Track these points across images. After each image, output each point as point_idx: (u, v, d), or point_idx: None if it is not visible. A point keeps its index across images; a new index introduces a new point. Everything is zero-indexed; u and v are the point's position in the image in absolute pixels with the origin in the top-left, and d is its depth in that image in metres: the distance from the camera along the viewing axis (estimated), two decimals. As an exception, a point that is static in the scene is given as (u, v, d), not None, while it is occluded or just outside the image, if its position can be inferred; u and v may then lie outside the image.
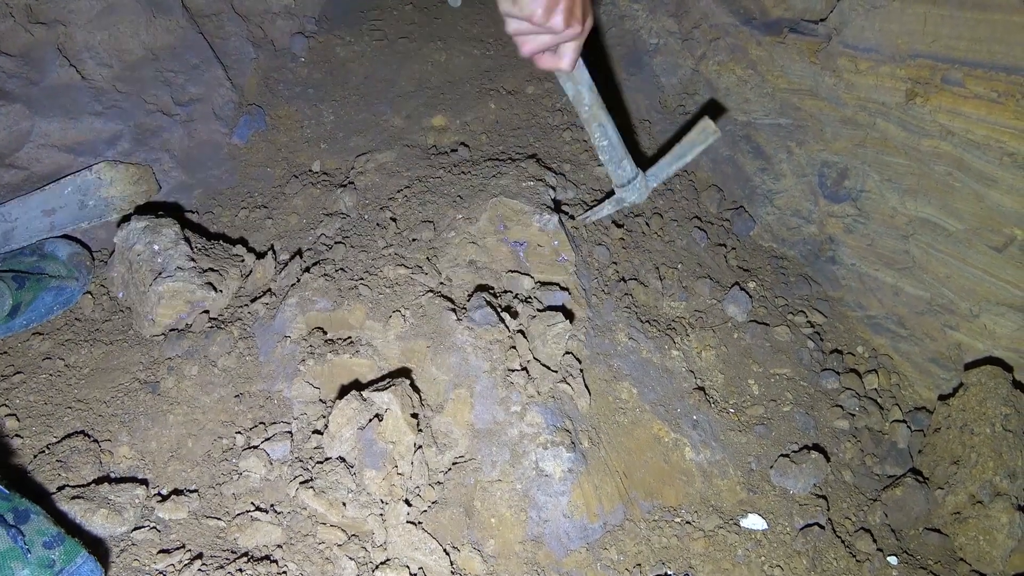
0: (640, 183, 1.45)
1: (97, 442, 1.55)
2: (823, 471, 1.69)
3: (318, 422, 1.52)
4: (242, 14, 2.44)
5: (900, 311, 1.94)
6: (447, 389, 1.54)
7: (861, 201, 1.94)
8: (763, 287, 2.08)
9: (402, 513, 1.38)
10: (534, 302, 1.67)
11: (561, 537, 1.45)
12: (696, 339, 1.87)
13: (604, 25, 2.62)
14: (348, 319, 1.66)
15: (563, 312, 1.63)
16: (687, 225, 2.15)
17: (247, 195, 2.19)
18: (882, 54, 1.74)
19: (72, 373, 1.71)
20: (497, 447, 1.48)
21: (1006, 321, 1.71)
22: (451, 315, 1.60)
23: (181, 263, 1.77)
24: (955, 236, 1.75)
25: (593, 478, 1.50)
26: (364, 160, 2.13)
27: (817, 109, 1.95)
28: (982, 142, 1.60)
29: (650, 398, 1.68)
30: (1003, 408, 1.65)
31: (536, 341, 1.58)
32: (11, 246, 1.83)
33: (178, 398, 1.62)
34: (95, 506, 1.39)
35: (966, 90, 1.60)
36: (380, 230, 1.86)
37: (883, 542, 1.64)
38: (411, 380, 1.53)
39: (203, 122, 2.24)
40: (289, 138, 2.35)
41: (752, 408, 1.79)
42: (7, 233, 1.83)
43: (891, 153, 1.81)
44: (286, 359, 1.62)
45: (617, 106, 2.46)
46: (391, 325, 1.60)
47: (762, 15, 2.06)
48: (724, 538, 1.55)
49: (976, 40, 1.57)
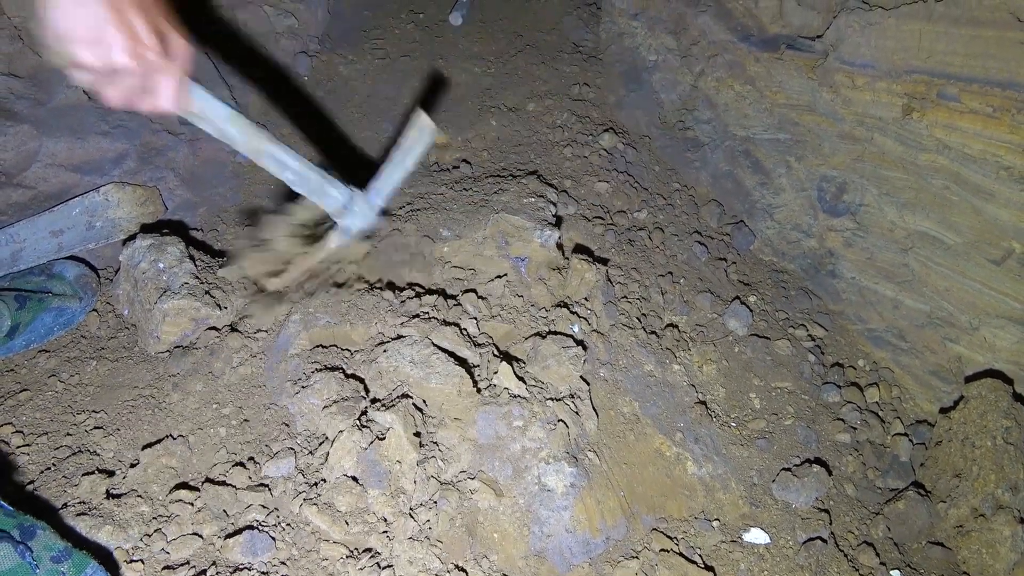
0: (361, 205, 1.25)
1: (102, 458, 1.57)
2: (825, 485, 1.69)
3: (321, 438, 1.52)
4: (246, 34, 2.47)
5: (900, 324, 1.94)
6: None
7: (860, 215, 1.95)
8: (764, 301, 2.09)
9: (406, 529, 1.38)
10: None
11: (564, 552, 1.45)
12: (697, 353, 1.88)
13: (604, 42, 2.65)
14: (351, 335, 1.67)
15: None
16: (688, 239, 2.17)
17: (251, 213, 2.21)
18: (878, 70, 1.76)
19: (78, 390, 1.73)
20: (500, 462, 1.49)
21: (1006, 334, 1.72)
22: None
23: (186, 280, 1.79)
24: (954, 249, 1.76)
25: (596, 493, 1.51)
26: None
27: (815, 124, 1.97)
28: (978, 156, 1.62)
29: (652, 412, 1.68)
30: (1004, 421, 1.65)
31: (550, 360, 1.59)
32: (19, 266, 1.85)
33: (183, 414, 1.63)
34: (100, 522, 1.40)
35: (962, 105, 1.62)
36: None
37: (886, 556, 1.64)
38: (412, 397, 1.54)
39: (208, 141, 2.25)
40: (293, 156, 2.37)
41: (754, 422, 1.80)
42: (15, 254, 1.84)
43: (889, 167, 1.83)
44: (290, 375, 1.63)
45: (617, 122, 2.49)
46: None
47: (759, 32, 2.08)
48: (727, 552, 1.55)
49: (971, 56, 1.59)
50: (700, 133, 2.34)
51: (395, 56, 2.70)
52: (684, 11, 2.32)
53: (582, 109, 2.50)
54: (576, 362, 1.59)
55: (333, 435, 1.47)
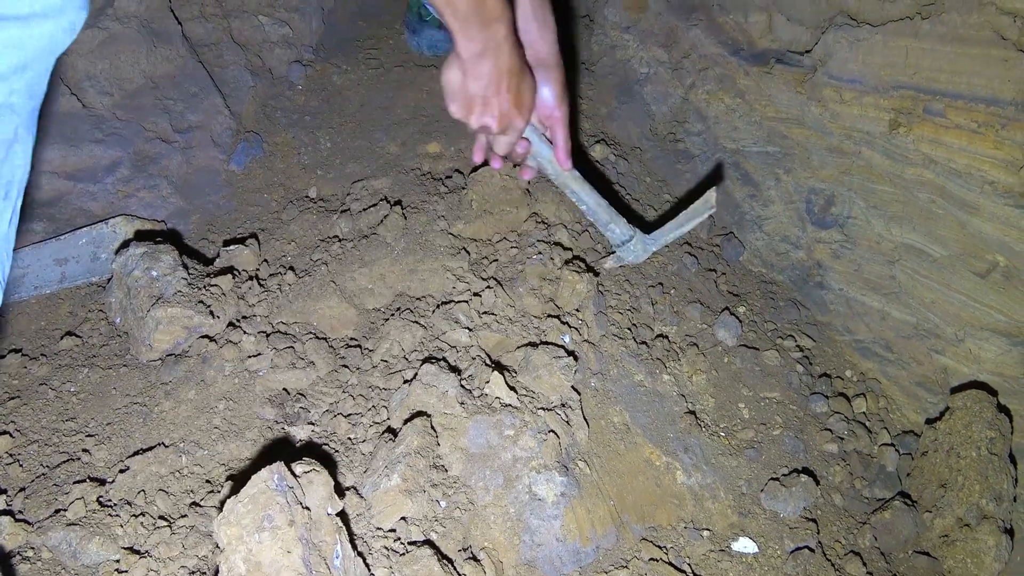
0: (637, 245, 1.41)
1: (93, 466, 1.57)
2: (813, 494, 1.71)
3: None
4: (241, 43, 2.49)
5: (887, 335, 1.97)
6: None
7: (848, 227, 1.98)
8: (753, 312, 2.11)
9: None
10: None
11: (554, 561, 1.46)
12: (687, 363, 1.89)
13: (596, 54, 2.67)
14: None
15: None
16: (678, 251, 2.19)
17: (244, 221, 2.22)
18: (866, 85, 1.79)
19: (69, 398, 1.73)
20: (491, 471, 1.50)
21: (990, 346, 1.74)
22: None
23: (179, 288, 1.79)
24: (939, 262, 1.79)
25: (586, 502, 1.52)
26: (360, 186, 2.16)
27: (804, 138, 2.00)
28: (963, 171, 1.65)
29: (642, 422, 1.70)
30: (988, 432, 1.67)
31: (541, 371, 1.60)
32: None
33: (175, 422, 1.63)
34: (90, 533, 1.40)
35: (947, 120, 1.65)
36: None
37: (872, 565, 1.66)
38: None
39: (201, 149, 2.27)
40: (286, 164, 2.38)
41: (742, 432, 1.81)
42: (18, 279, 1.83)
43: (876, 181, 1.86)
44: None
45: (609, 133, 2.51)
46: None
47: (749, 46, 2.11)
48: (716, 562, 1.57)
49: (956, 72, 1.62)
50: (691, 145, 2.37)
51: (389, 66, 2.72)
52: (675, 25, 2.34)
53: (574, 120, 2.52)
54: (567, 372, 1.60)
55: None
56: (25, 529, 1.44)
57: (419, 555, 1.32)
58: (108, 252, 1.94)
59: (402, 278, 1.87)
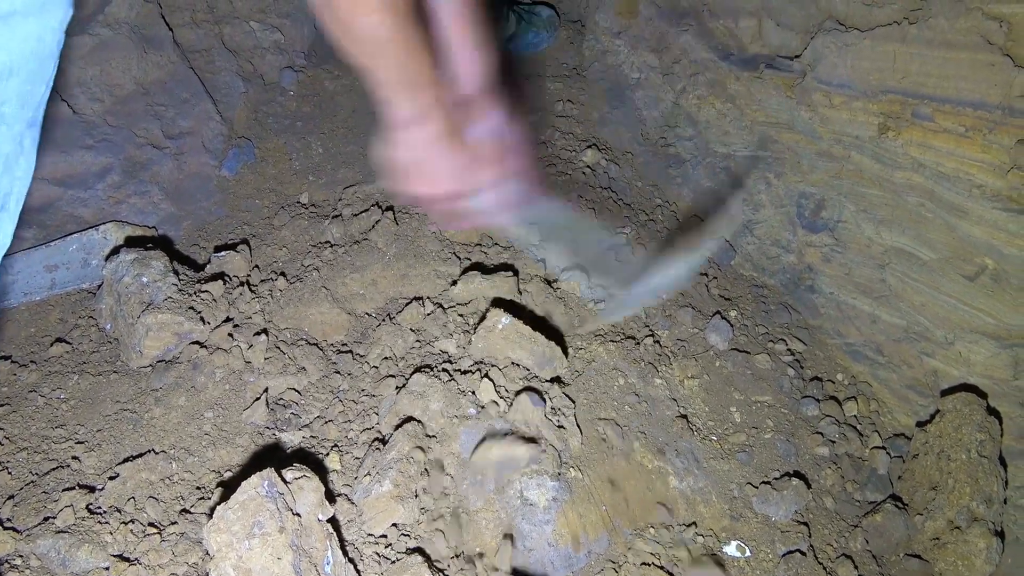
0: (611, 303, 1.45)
1: (83, 474, 1.56)
2: (804, 498, 1.71)
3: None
4: (232, 49, 2.49)
5: (878, 339, 1.97)
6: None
7: (838, 231, 1.98)
8: (744, 316, 2.12)
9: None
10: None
11: (546, 566, 1.46)
12: (679, 367, 1.89)
13: (587, 60, 2.68)
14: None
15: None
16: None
17: (236, 227, 2.22)
18: (855, 89, 1.80)
19: (59, 404, 1.72)
20: (482, 477, 1.50)
21: (979, 348, 1.75)
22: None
23: (170, 294, 1.79)
24: (929, 265, 1.79)
25: (577, 507, 1.52)
26: (352, 192, 2.17)
27: (794, 142, 2.01)
28: (952, 174, 1.65)
29: (634, 426, 1.70)
30: (978, 434, 1.68)
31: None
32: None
33: (165, 428, 1.63)
34: (79, 540, 1.40)
35: (936, 124, 1.66)
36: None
37: (864, 568, 1.66)
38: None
39: (193, 155, 2.27)
40: (278, 170, 2.38)
41: (734, 435, 1.82)
42: (7, 285, 1.82)
43: (866, 185, 1.86)
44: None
45: (600, 138, 2.52)
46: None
47: (740, 51, 2.12)
48: (707, 565, 1.56)
49: (944, 77, 1.63)
50: (682, 150, 2.37)
51: (381, 71, 2.72)
52: (666, 30, 2.35)
53: (565, 125, 2.53)
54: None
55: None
56: (14, 537, 1.43)
57: (410, 562, 1.32)
58: (99, 258, 1.93)
59: (394, 283, 1.87)
